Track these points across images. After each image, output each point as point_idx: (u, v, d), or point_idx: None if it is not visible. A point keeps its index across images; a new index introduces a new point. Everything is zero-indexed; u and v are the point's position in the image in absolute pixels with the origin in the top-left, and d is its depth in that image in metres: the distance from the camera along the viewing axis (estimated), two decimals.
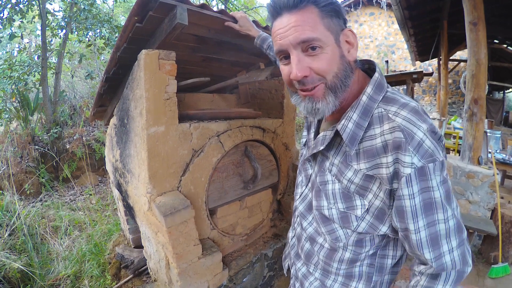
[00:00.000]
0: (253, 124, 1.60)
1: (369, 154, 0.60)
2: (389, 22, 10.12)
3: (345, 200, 0.66)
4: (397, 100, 0.60)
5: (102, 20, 4.24)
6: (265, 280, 1.68)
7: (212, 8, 1.16)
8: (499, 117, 8.79)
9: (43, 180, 3.55)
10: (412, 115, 0.56)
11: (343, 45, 0.62)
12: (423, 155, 0.54)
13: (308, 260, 0.80)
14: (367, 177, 0.61)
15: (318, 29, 0.59)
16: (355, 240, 0.68)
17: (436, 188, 0.55)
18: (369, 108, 0.61)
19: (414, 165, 0.54)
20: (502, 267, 2.35)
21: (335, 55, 0.61)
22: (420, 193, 0.55)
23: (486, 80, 2.87)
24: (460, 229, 0.59)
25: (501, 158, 3.77)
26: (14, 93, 3.98)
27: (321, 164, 0.73)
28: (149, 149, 1.15)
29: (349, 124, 0.62)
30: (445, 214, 0.56)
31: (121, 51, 1.19)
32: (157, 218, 1.20)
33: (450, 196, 0.57)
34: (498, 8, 4.40)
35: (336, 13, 0.61)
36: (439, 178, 0.55)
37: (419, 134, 0.54)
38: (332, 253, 0.73)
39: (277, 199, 1.85)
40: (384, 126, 0.58)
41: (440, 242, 0.57)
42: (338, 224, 0.69)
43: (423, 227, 0.57)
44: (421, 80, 6.00)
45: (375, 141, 0.59)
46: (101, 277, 1.89)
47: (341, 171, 0.66)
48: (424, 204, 0.56)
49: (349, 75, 0.63)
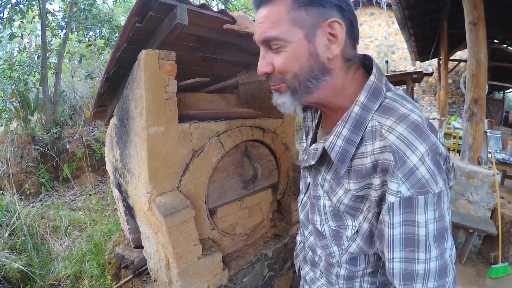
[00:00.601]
0: (253, 124, 1.60)
1: (359, 174, 0.54)
2: (389, 22, 10.12)
3: (335, 219, 0.61)
4: (395, 111, 0.51)
5: (102, 20, 4.24)
6: (265, 280, 1.68)
7: (212, 8, 1.16)
8: (499, 117, 8.79)
9: (43, 180, 3.55)
10: (410, 133, 0.47)
11: (320, 40, 0.53)
12: (414, 184, 0.46)
13: (313, 266, 0.78)
14: (357, 198, 0.56)
15: (281, 25, 0.53)
16: (348, 259, 0.63)
17: (423, 225, 0.46)
18: (362, 120, 0.53)
19: (400, 194, 0.46)
20: (502, 267, 2.35)
21: (298, 54, 0.54)
22: (402, 225, 0.48)
23: (486, 80, 2.87)
24: (444, 273, 0.48)
25: (501, 158, 3.78)
26: (14, 93, 3.98)
27: (315, 177, 0.68)
28: (149, 149, 1.15)
29: (338, 141, 0.55)
30: (428, 254, 0.47)
31: (121, 51, 1.19)
32: (157, 218, 1.20)
33: (444, 235, 0.48)
34: (498, 8, 4.40)
35: (317, 2, 0.51)
36: (432, 214, 0.46)
37: (413, 158, 0.46)
38: (330, 267, 0.69)
39: (277, 199, 1.85)
40: (375, 143, 0.50)
41: (414, 280, 0.49)
42: (330, 240, 0.65)
43: (398, 259, 0.49)
44: (421, 80, 6.00)
45: (365, 160, 0.52)
46: (101, 277, 1.89)
47: (332, 189, 0.60)
48: (405, 237, 0.48)
49: (317, 76, 0.55)
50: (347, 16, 0.53)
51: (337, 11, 0.52)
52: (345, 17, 0.53)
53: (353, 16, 0.54)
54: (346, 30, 0.53)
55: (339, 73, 0.57)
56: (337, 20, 0.52)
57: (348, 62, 0.57)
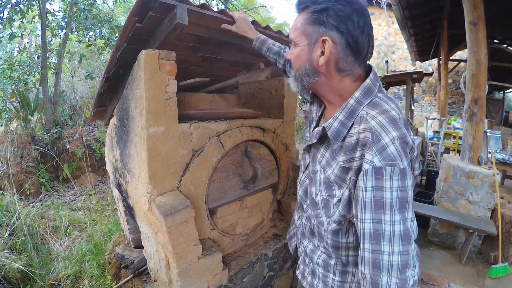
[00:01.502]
0: (253, 124, 1.60)
1: (346, 148, 0.69)
2: (389, 22, 10.12)
3: (326, 188, 0.75)
4: (380, 106, 0.66)
5: (102, 20, 4.24)
6: (265, 280, 1.68)
7: (212, 8, 1.16)
8: (499, 117, 8.80)
9: (43, 180, 3.55)
10: (387, 122, 0.62)
11: (315, 50, 0.70)
12: (385, 158, 0.59)
13: (312, 236, 0.90)
14: (343, 169, 0.70)
15: (296, 32, 0.72)
16: (332, 230, 0.76)
17: (389, 190, 0.59)
18: (354, 110, 0.69)
19: (373, 163, 0.60)
20: (502, 267, 2.36)
21: (301, 55, 0.73)
22: (372, 190, 0.60)
23: (486, 80, 2.87)
24: (407, 239, 0.59)
25: (501, 158, 3.78)
26: (14, 93, 3.98)
27: (314, 155, 0.83)
28: (149, 149, 1.15)
29: (335, 123, 0.71)
30: (393, 217, 0.58)
31: (121, 51, 1.19)
32: (157, 218, 1.20)
33: (405, 206, 0.60)
34: (498, 8, 4.40)
35: (319, 22, 0.67)
36: (396, 183, 0.59)
37: (385, 139, 0.60)
38: (321, 235, 0.82)
39: (277, 199, 1.85)
40: (361, 126, 0.65)
41: (382, 240, 0.59)
42: (321, 210, 0.78)
43: (369, 220, 0.61)
44: (421, 80, 6.01)
45: (352, 138, 0.67)
46: (101, 277, 1.89)
47: (328, 163, 0.75)
48: (374, 200, 0.60)
49: (309, 75, 0.73)
50: (344, 37, 0.66)
51: (335, 32, 0.66)
52: (342, 37, 0.66)
53: (353, 37, 0.66)
54: (340, 48, 0.67)
55: (331, 78, 0.73)
56: (327, 39, 0.67)
57: (342, 72, 0.71)
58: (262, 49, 1.23)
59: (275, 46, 1.21)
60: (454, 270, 2.50)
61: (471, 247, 2.63)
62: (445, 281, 1.70)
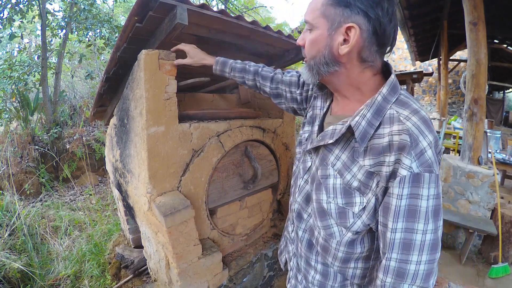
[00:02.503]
0: (253, 124, 1.60)
1: (374, 151, 0.61)
2: None
3: (345, 196, 0.66)
4: (410, 105, 0.61)
5: (102, 20, 4.24)
6: (265, 280, 1.68)
7: (212, 8, 1.16)
8: (499, 117, 8.80)
9: (43, 180, 3.55)
10: (422, 124, 0.57)
11: (336, 37, 0.62)
12: (423, 163, 0.55)
13: (308, 251, 0.80)
14: (368, 174, 0.62)
15: (314, 13, 0.64)
16: (348, 241, 0.69)
17: (425, 198, 0.55)
18: (382, 108, 0.62)
19: (411, 169, 0.55)
20: (502, 267, 2.35)
21: (318, 40, 0.64)
22: (408, 197, 0.55)
23: (486, 80, 2.87)
24: (435, 248, 0.57)
25: (501, 158, 3.78)
26: (14, 93, 3.98)
27: (323, 158, 0.72)
28: (149, 149, 1.15)
29: (363, 122, 0.62)
30: (426, 226, 0.55)
31: (121, 51, 1.19)
32: (157, 218, 1.20)
33: (438, 214, 0.57)
34: (498, 8, 4.40)
35: (344, 3, 0.59)
36: (433, 190, 0.55)
37: (423, 143, 0.55)
38: (327, 248, 0.73)
39: (277, 199, 1.85)
40: (393, 127, 0.59)
41: (411, 250, 0.56)
42: (334, 220, 0.69)
43: (400, 230, 0.57)
44: (421, 80, 6.00)
45: (382, 140, 0.60)
46: (101, 277, 1.89)
47: (347, 166, 0.66)
48: (408, 209, 0.56)
49: (328, 64, 0.65)
50: (372, 23, 0.59)
51: (362, 17, 0.59)
52: (370, 24, 0.59)
53: (381, 25, 0.59)
54: (366, 35, 0.60)
55: (352, 69, 0.65)
56: (354, 26, 0.59)
57: (365, 63, 0.64)
58: (224, 71, 1.12)
59: (238, 64, 1.10)
60: (454, 270, 2.50)
61: (471, 247, 2.63)
62: (445, 281, 1.70)
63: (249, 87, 1.15)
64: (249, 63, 1.11)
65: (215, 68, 1.13)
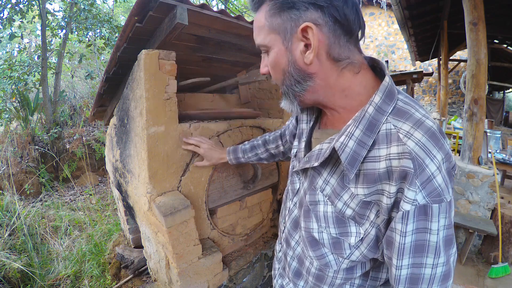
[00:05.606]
0: (253, 124, 1.60)
1: (369, 179, 0.51)
2: (389, 22, 10.12)
3: (338, 225, 0.57)
4: (411, 115, 0.49)
5: (102, 20, 4.25)
6: (265, 280, 1.68)
7: (212, 8, 1.16)
8: (499, 117, 8.80)
9: (43, 180, 3.55)
10: (428, 140, 0.46)
11: (295, 46, 0.51)
12: (430, 193, 0.45)
13: (297, 278, 0.71)
14: (364, 204, 0.52)
15: (262, 33, 0.54)
16: (346, 268, 0.61)
17: (435, 232, 0.46)
18: (375, 122, 0.50)
19: (416, 202, 0.45)
20: (502, 267, 2.35)
21: (279, 61, 0.54)
22: (414, 233, 0.47)
23: (486, 80, 2.87)
24: (448, 277, 0.49)
25: (501, 158, 3.78)
26: (14, 93, 3.98)
27: (312, 181, 0.62)
28: (149, 149, 1.15)
29: (350, 143, 0.51)
30: (436, 260, 0.48)
31: (121, 51, 1.19)
32: (157, 218, 1.20)
33: (451, 242, 0.48)
34: (498, 8, 4.40)
35: (287, 5, 0.49)
36: (443, 221, 0.46)
37: (431, 167, 0.45)
38: (322, 277, 0.64)
39: (277, 199, 1.85)
40: (391, 148, 0.48)
41: (419, 284, 0.49)
42: (329, 249, 0.60)
43: (407, 266, 0.49)
44: (421, 80, 6.01)
45: (378, 165, 0.49)
46: (101, 277, 1.89)
47: (336, 193, 0.56)
48: (415, 245, 0.47)
49: (299, 82, 0.55)
50: (328, 13, 0.48)
51: (313, 10, 0.48)
52: (325, 14, 0.48)
53: (338, 9, 0.48)
54: (328, 29, 0.49)
55: (327, 75, 0.54)
56: (309, 25, 0.48)
57: (339, 62, 0.53)
58: (238, 157, 1.11)
59: (247, 145, 1.09)
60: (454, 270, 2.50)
61: (471, 247, 2.63)
62: None
63: (267, 160, 1.12)
64: (255, 139, 1.10)
65: (229, 159, 1.14)
